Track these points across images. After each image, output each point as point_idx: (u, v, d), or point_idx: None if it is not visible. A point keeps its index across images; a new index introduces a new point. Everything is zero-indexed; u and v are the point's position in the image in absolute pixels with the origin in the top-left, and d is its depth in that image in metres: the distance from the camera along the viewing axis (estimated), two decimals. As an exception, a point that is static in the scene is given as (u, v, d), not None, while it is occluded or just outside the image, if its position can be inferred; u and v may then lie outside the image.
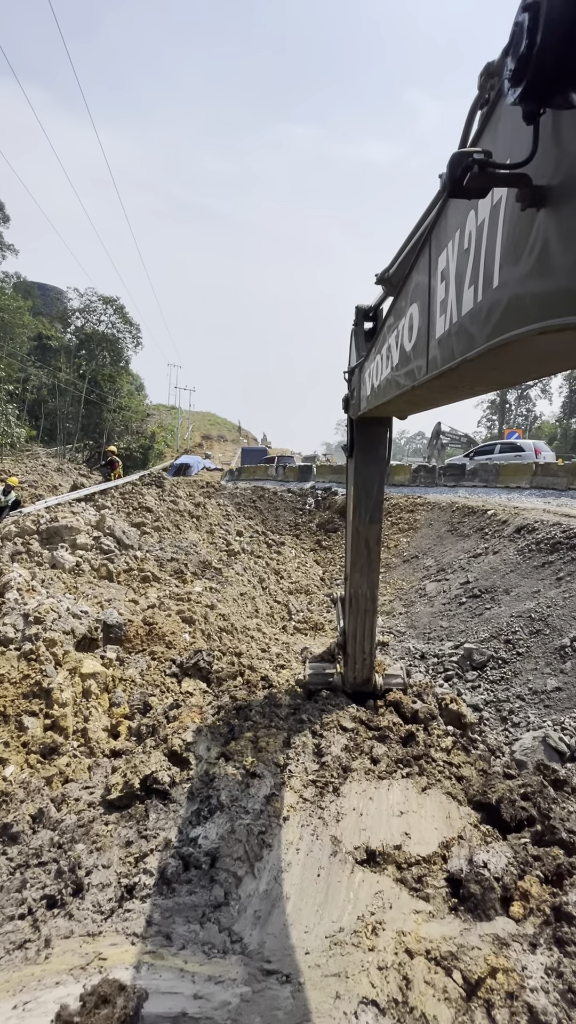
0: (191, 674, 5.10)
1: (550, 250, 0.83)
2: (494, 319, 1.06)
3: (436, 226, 1.52)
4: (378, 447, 3.57)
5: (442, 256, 1.44)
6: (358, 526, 3.81)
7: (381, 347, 2.47)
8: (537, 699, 5.00)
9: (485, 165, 0.92)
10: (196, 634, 6.32)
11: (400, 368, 2.01)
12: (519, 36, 0.74)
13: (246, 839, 2.51)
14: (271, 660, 6.53)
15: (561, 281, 0.81)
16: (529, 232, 0.89)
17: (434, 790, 3.13)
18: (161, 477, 12.70)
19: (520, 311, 0.95)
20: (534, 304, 0.89)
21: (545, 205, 0.84)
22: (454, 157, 0.96)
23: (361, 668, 4.35)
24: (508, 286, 1.00)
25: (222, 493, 19.48)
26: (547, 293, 0.85)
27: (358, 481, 3.65)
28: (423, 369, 1.63)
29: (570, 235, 0.78)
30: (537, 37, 0.69)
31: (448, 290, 1.37)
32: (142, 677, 4.88)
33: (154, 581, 7.42)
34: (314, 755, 3.49)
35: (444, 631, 7.01)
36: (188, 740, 3.45)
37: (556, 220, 0.82)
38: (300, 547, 13.47)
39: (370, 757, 3.40)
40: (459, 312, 1.28)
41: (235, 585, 8.14)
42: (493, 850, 2.58)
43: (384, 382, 2.41)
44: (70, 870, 2.21)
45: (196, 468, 34.55)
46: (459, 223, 1.29)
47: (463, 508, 10.81)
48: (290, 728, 3.82)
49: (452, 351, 1.34)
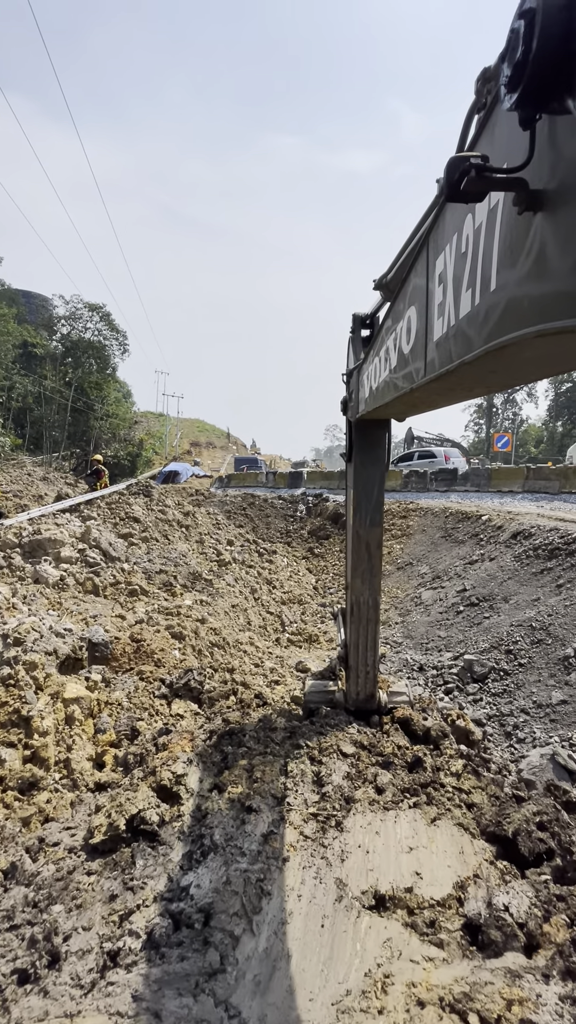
0: (181, 695, 4.85)
1: (547, 254, 0.83)
2: (492, 322, 1.06)
3: (434, 229, 1.51)
4: (377, 449, 3.51)
5: (440, 259, 1.44)
6: (358, 529, 3.68)
7: (379, 349, 2.44)
8: (542, 713, 4.82)
9: (482, 169, 0.92)
10: (186, 650, 6.07)
11: (398, 370, 1.99)
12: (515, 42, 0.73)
13: (243, 890, 2.27)
14: (265, 676, 6.29)
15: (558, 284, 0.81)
16: (526, 236, 0.89)
17: (444, 821, 2.92)
18: (149, 486, 12.42)
19: (517, 314, 0.95)
20: (531, 307, 0.89)
21: (542, 209, 0.84)
22: (451, 161, 0.95)
23: (364, 682, 4.14)
24: (505, 289, 1.00)
25: (212, 501, 19.22)
26: (544, 296, 0.85)
27: (358, 483, 3.58)
28: (421, 371, 1.63)
29: (567, 239, 0.77)
30: (533, 44, 0.69)
31: (446, 293, 1.38)
32: (129, 700, 4.61)
33: (142, 595, 7.15)
34: (314, 784, 3.26)
35: (442, 641, 6.83)
36: (178, 772, 3.20)
37: (553, 224, 0.82)
38: (292, 555, 13.26)
39: (374, 786, 3.18)
40: (457, 315, 1.28)
41: (226, 597, 7.89)
42: (513, 890, 2.37)
43: (382, 384, 2.38)
44: (45, 937, 1.95)
45: (185, 475, 34.28)
46: (456, 226, 1.29)
47: (457, 514, 10.68)
48: (287, 754, 3.58)
49: (450, 354, 1.34)
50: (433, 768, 3.31)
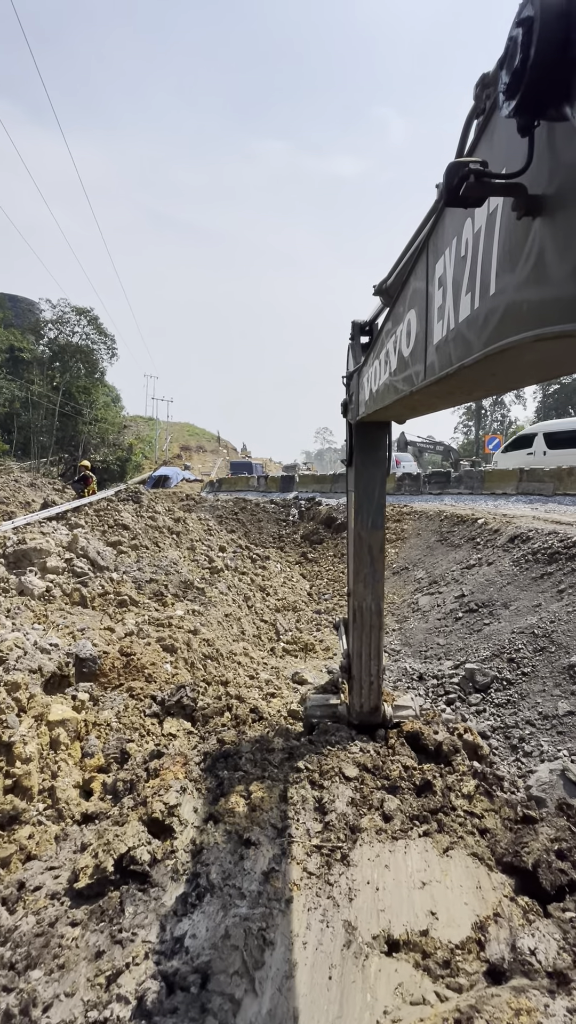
0: (174, 713, 4.62)
1: (546, 259, 0.83)
2: (491, 326, 1.06)
3: (433, 233, 1.51)
4: (378, 450, 3.48)
5: (439, 263, 1.44)
6: (360, 531, 3.60)
7: (379, 352, 2.43)
8: (549, 725, 4.66)
9: (481, 175, 0.92)
10: (178, 664, 5.84)
11: (398, 373, 2.00)
12: (513, 50, 0.74)
13: (243, 943, 2.06)
14: (260, 688, 6.08)
15: (557, 289, 0.81)
16: (525, 240, 0.90)
17: (457, 851, 2.73)
18: (138, 492, 12.16)
19: (517, 318, 0.94)
20: (530, 311, 0.89)
21: (541, 214, 0.85)
22: (451, 167, 0.96)
23: (368, 694, 3.97)
24: (505, 293, 1.00)
25: (203, 506, 18.96)
26: (543, 301, 0.85)
27: (359, 485, 3.55)
28: (421, 375, 1.63)
29: (566, 244, 0.78)
30: (531, 52, 0.70)
31: (445, 296, 1.37)
32: (119, 720, 4.38)
33: (132, 605, 6.91)
34: (316, 812, 3.06)
35: (441, 649, 6.66)
36: (171, 803, 2.98)
37: (552, 229, 0.82)
38: (285, 560, 13.05)
39: (381, 813, 2.98)
40: (456, 318, 1.28)
41: (219, 606, 7.67)
42: (539, 932, 2.19)
43: (382, 387, 2.38)
44: (23, 1010, 1.73)
45: (175, 480, 33.94)
46: (456, 231, 1.29)
47: (452, 517, 10.55)
48: (286, 778, 3.38)
49: (450, 357, 1.34)
50: (443, 791, 3.12)
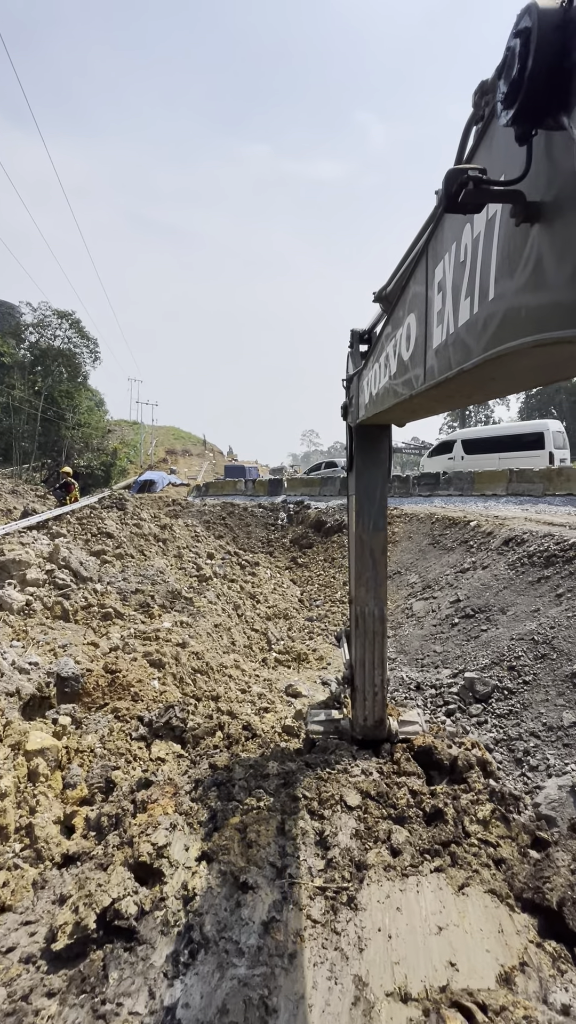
0: (162, 735, 4.36)
1: (544, 265, 0.84)
2: (490, 331, 1.06)
3: (433, 238, 1.51)
4: (379, 451, 3.46)
5: (439, 268, 1.44)
6: (361, 534, 3.53)
7: (379, 356, 2.42)
8: (554, 736, 4.49)
9: (480, 182, 0.93)
10: (167, 679, 5.57)
11: (398, 377, 1.99)
12: (511, 60, 0.75)
13: (243, 1016, 1.82)
14: (253, 703, 5.84)
15: (555, 295, 0.81)
16: (523, 247, 0.90)
17: (474, 887, 2.52)
18: (123, 498, 11.82)
19: (515, 324, 0.95)
20: (529, 317, 0.90)
21: (539, 220, 0.85)
22: (450, 173, 0.96)
23: (372, 706, 3.77)
24: (503, 299, 1.01)
25: (189, 511, 18.65)
26: (541, 307, 0.86)
27: (359, 486, 3.51)
28: (420, 379, 1.63)
29: (563, 250, 0.78)
30: (528, 62, 0.71)
31: (445, 301, 1.37)
32: (103, 745, 4.10)
33: (117, 618, 6.61)
34: (317, 847, 2.83)
35: (438, 657, 6.48)
36: (160, 843, 2.73)
37: (550, 235, 0.82)
38: (275, 565, 12.82)
39: (388, 846, 2.76)
40: (456, 323, 1.28)
41: (208, 616, 7.41)
42: (572, 985, 1.98)
43: (382, 390, 2.36)
44: None
45: (161, 484, 33.51)
46: (455, 236, 1.29)
47: (443, 519, 10.42)
48: (283, 807, 3.14)
49: (449, 361, 1.34)
50: (455, 819, 2.91)
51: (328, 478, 20.28)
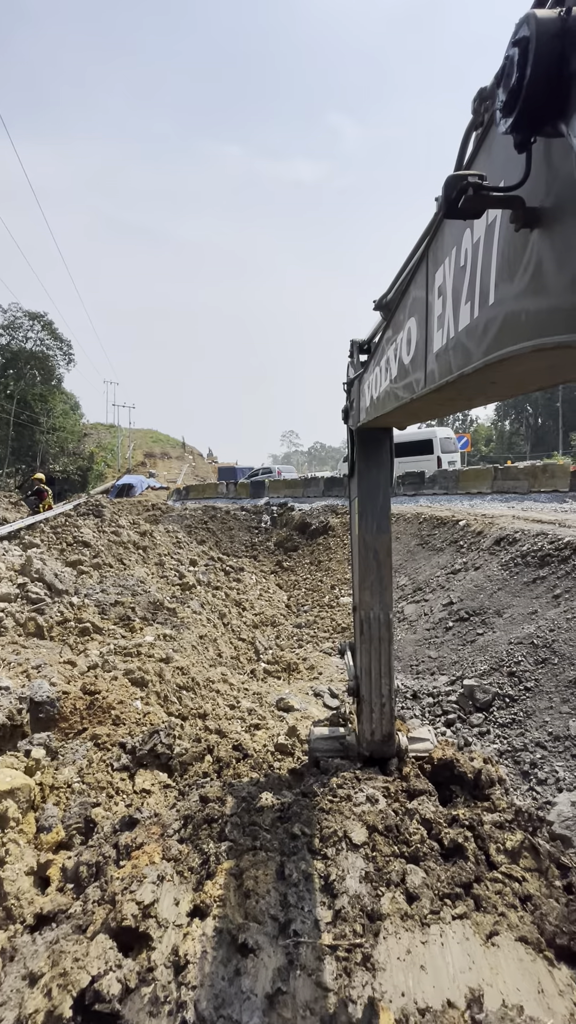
0: (147, 763, 4.02)
1: (543, 270, 0.84)
2: (490, 335, 1.06)
3: (433, 243, 1.51)
4: (381, 453, 3.45)
5: (439, 272, 1.44)
6: (364, 536, 3.47)
7: (380, 359, 2.42)
8: (561, 747, 4.29)
9: (479, 188, 0.93)
10: (150, 698, 5.22)
11: (399, 380, 1.99)
12: (509, 69, 0.76)
13: None
14: (243, 719, 5.53)
15: (554, 300, 0.81)
16: (523, 252, 0.90)
17: (504, 936, 2.27)
18: (100, 505, 11.36)
19: (515, 328, 0.95)
20: (529, 322, 0.90)
21: (539, 226, 0.85)
22: (449, 180, 0.97)
23: (380, 719, 3.56)
24: (503, 303, 1.01)
25: (170, 516, 18.18)
26: (541, 311, 0.86)
27: (361, 488, 3.48)
28: (421, 382, 1.63)
29: (563, 255, 0.78)
30: (526, 71, 0.71)
31: (445, 305, 1.38)
32: (82, 778, 3.74)
33: (95, 633, 6.23)
34: (323, 893, 2.54)
35: (434, 663, 6.26)
36: (146, 900, 2.41)
37: (549, 241, 0.82)
38: (260, 570, 12.50)
39: (404, 891, 2.49)
40: (456, 327, 1.28)
41: (192, 627, 7.06)
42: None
43: (383, 394, 2.36)
44: None
45: (140, 488, 32.87)
46: (455, 241, 1.29)
47: (431, 519, 10.25)
48: (281, 846, 2.85)
49: (450, 365, 1.34)
50: (476, 854, 2.65)
51: (314, 478, 20.04)
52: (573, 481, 11.47)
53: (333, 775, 3.54)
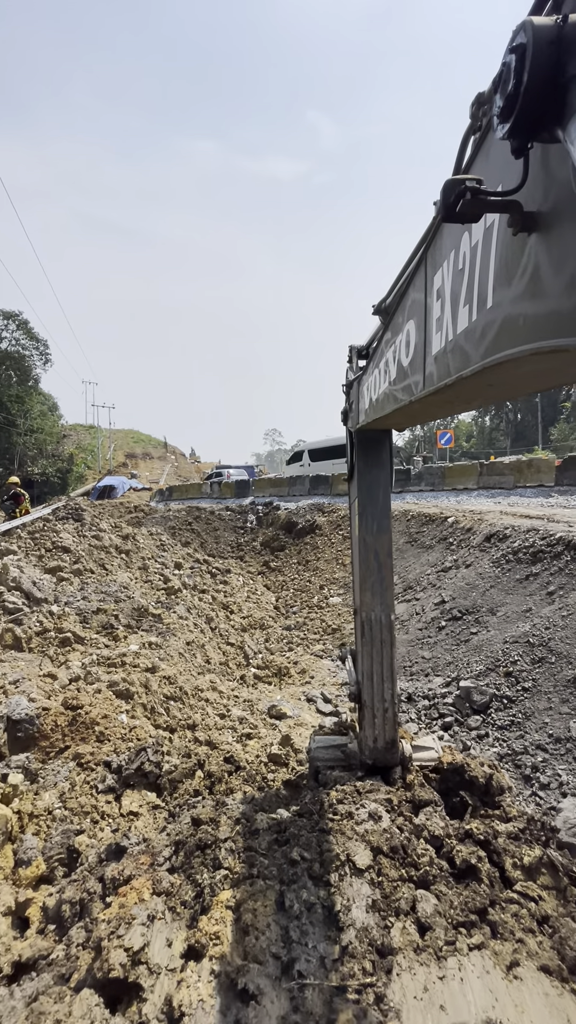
0: (134, 783, 3.79)
1: (541, 274, 0.84)
2: (488, 338, 1.06)
3: (432, 246, 1.51)
4: (380, 452, 3.43)
5: (438, 275, 1.44)
6: (365, 536, 3.45)
7: (379, 361, 2.43)
8: (563, 749, 4.18)
9: (477, 192, 0.93)
10: (136, 711, 4.98)
11: (398, 383, 1.99)
12: (507, 75, 0.77)
13: None
14: (233, 728, 5.33)
15: (552, 304, 0.81)
16: (521, 255, 0.90)
17: (526, 966, 2.12)
18: (79, 508, 10.99)
19: (513, 332, 0.95)
20: (527, 325, 0.90)
21: (536, 230, 0.85)
22: (447, 184, 0.97)
23: (382, 724, 3.44)
24: (501, 307, 1.01)
25: (153, 518, 17.82)
26: (539, 315, 0.86)
27: (362, 487, 3.46)
28: (420, 385, 1.64)
29: (560, 260, 0.78)
30: (524, 77, 0.72)
31: (444, 308, 1.38)
32: (64, 803, 3.50)
33: (77, 643, 5.95)
34: (327, 926, 2.36)
35: (428, 664, 6.14)
36: (136, 946, 2.20)
37: (546, 245, 0.83)
38: (247, 571, 12.28)
39: (415, 920, 2.32)
40: (454, 330, 1.28)
41: (179, 633, 6.82)
42: None
43: (382, 396, 2.37)
44: None
45: (122, 489, 32.32)
46: (454, 244, 1.29)
47: (419, 516, 10.16)
48: (280, 873, 2.67)
49: (448, 368, 1.34)
50: (491, 874, 2.50)
51: (298, 476, 19.86)
52: (558, 475, 11.52)
53: (332, 788, 3.38)
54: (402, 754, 3.44)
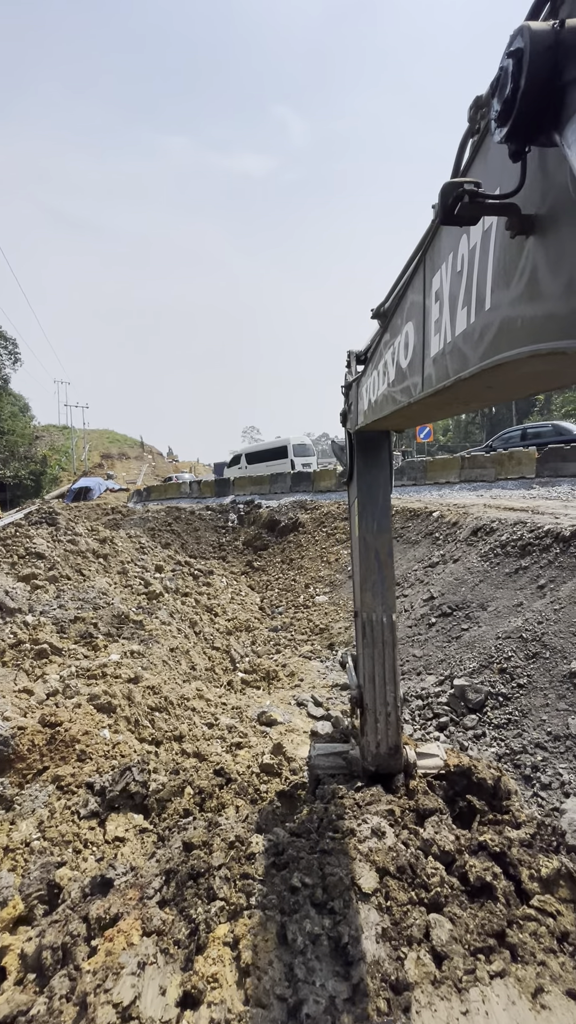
0: (120, 806, 3.55)
1: (538, 277, 0.84)
2: (487, 340, 1.06)
3: (430, 248, 1.50)
4: (380, 453, 3.40)
5: (436, 277, 1.44)
6: (365, 535, 3.42)
7: (378, 363, 2.44)
8: (562, 747, 4.10)
9: (475, 195, 0.93)
10: (119, 725, 4.73)
11: (396, 384, 2.00)
12: (504, 80, 0.77)
13: None
14: (223, 738, 5.12)
15: (550, 307, 0.81)
16: (519, 258, 0.90)
17: (552, 992, 1.98)
18: (54, 512, 10.58)
19: (511, 334, 0.95)
20: (525, 328, 0.90)
21: (534, 233, 0.85)
22: (445, 187, 0.97)
23: (385, 729, 3.30)
24: (499, 309, 1.01)
25: (131, 519, 17.39)
26: (536, 318, 0.86)
27: (361, 487, 3.44)
28: (419, 386, 1.65)
29: (558, 262, 0.79)
30: (521, 82, 0.72)
31: (442, 310, 1.38)
32: (43, 833, 3.25)
33: (54, 655, 5.65)
34: (334, 960, 2.18)
35: (419, 662, 6.02)
36: (125, 1000, 1.98)
37: (544, 248, 0.83)
38: (230, 572, 12.04)
39: (430, 949, 2.16)
40: (453, 332, 1.28)
41: (162, 639, 6.56)
42: None
43: (381, 397, 2.37)
44: None
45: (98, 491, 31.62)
46: (452, 246, 1.29)
47: (403, 511, 10.07)
48: (280, 901, 2.48)
49: (447, 370, 1.34)
50: (506, 893, 2.35)
51: (279, 474, 19.65)
52: (539, 467, 11.58)
53: (330, 802, 3.21)
54: (406, 760, 3.31)
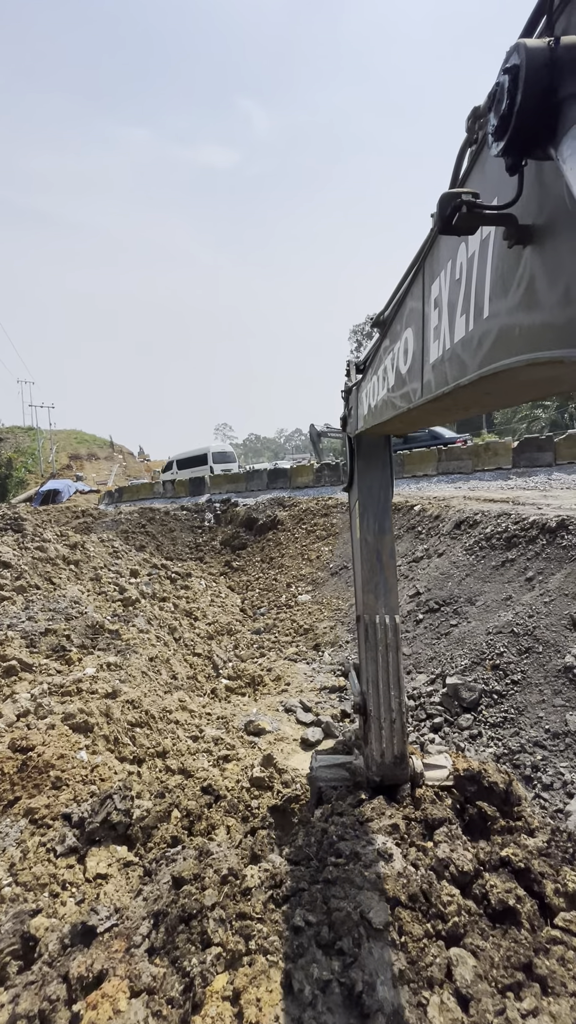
0: (101, 838, 3.26)
1: (536, 286, 0.85)
2: (485, 348, 1.08)
3: (429, 255, 1.52)
4: (380, 455, 3.40)
5: (435, 284, 1.46)
6: (366, 536, 3.38)
7: (378, 368, 2.47)
8: (562, 744, 3.99)
9: (473, 206, 0.94)
10: (98, 744, 4.42)
11: (396, 390, 2.02)
12: (500, 95, 0.78)
13: None
14: (209, 751, 4.86)
15: (547, 316, 0.82)
16: (516, 268, 0.92)
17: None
18: (19, 518, 10.06)
19: (509, 342, 0.96)
20: (522, 336, 0.91)
21: (531, 243, 0.86)
22: (444, 197, 0.97)
23: (391, 736, 3.15)
24: (497, 317, 1.02)
25: (103, 522, 16.85)
26: (534, 326, 0.87)
27: (362, 488, 3.42)
28: (418, 392, 1.66)
29: (554, 272, 0.80)
30: (517, 98, 0.73)
31: (441, 317, 1.39)
32: (15, 876, 2.94)
33: (24, 671, 5.27)
34: (349, 1013, 1.97)
35: (409, 660, 5.87)
36: None
37: (541, 258, 0.84)
38: (208, 573, 11.72)
39: (454, 991, 1.97)
40: (452, 339, 1.29)
41: (140, 649, 6.24)
42: None
43: (380, 402, 2.40)
44: None
45: (67, 493, 30.71)
46: (451, 254, 1.31)
47: (384, 506, 9.94)
48: (283, 943, 2.26)
49: (446, 376, 1.35)
50: (531, 914, 2.18)
51: (256, 471, 19.36)
52: (515, 458, 11.64)
53: (329, 821, 3.01)
54: (412, 770, 3.13)
